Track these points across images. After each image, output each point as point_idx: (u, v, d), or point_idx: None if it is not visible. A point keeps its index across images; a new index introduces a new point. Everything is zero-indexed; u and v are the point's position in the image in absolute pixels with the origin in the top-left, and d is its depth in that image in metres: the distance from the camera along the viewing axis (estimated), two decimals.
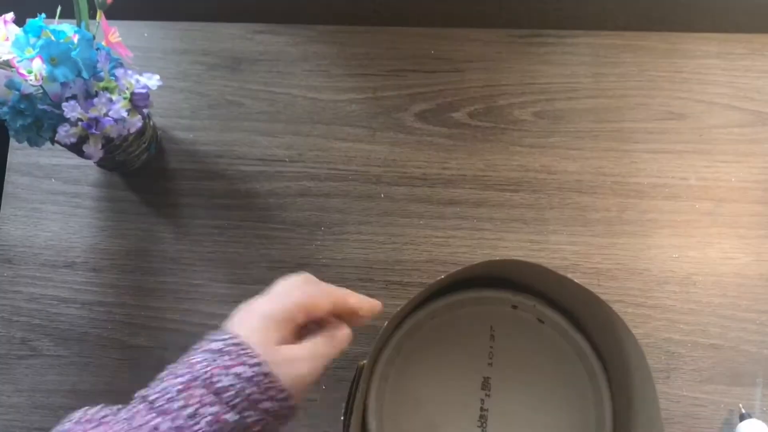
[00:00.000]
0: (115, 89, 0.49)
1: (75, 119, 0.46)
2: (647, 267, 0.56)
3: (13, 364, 0.56)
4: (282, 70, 0.62)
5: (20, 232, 0.59)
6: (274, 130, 0.61)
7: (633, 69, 0.61)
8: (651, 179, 0.58)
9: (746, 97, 0.59)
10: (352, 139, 0.60)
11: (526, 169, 0.59)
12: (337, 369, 0.54)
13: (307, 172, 0.60)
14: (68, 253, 0.59)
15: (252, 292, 0.57)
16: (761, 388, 0.53)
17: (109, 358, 0.56)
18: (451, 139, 0.60)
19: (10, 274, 0.59)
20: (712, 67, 0.60)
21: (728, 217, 0.57)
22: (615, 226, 0.57)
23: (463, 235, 0.57)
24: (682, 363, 0.54)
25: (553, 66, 0.61)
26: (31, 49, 0.46)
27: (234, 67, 0.62)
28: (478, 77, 0.61)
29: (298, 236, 0.58)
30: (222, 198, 0.59)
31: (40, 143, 0.49)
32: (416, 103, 0.61)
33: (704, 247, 0.56)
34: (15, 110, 0.46)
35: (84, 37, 0.47)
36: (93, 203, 0.60)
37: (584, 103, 0.60)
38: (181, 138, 0.61)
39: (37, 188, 0.60)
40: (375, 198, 0.59)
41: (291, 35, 0.63)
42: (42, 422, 0.55)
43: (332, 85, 0.62)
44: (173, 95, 0.62)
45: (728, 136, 0.58)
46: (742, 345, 0.54)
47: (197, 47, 0.63)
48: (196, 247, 0.58)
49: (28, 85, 0.46)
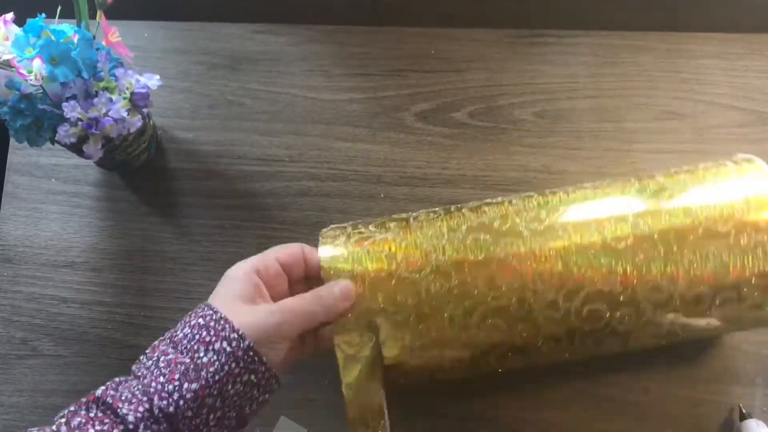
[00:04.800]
0: (115, 89, 0.49)
1: (75, 119, 0.46)
2: None
3: (13, 364, 0.56)
4: (282, 70, 0.62)
5: (20, 231, 0.59)
6: (274, 130, 0.61)
7: (633, 69, 0.61)
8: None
9: (746, 97, 0.59)
10: (352, 139, 0.60)
11: (526, 169, 0.59)
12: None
13: (307, 172, 0.60)
14: (68, 252, 0.59)
15: None
16: (761, 388, 0.53)
17: (109, 358, 0.56)
18: (451, 139, 0.60)
19: (10, 273, 0.59)
20: (712, 67, 0.60)
21: None
22: None
23: None
24: (682, 363, 0.53)
25: (553, 66, 0.61)
26: (31, 49, 0.46)
27: (234, 67, 0.62)
28: (478, 77, 0.61)
29: (298, 236, 0.58)
30: (222, 198, 0.59)
31: (40, 143, 0.49)
32: (416, 103, 0.61)
33: None
34: (15, 110, 0.47)
35: (84, 37, 0.47)
36: (93, 203, 0.60)
37: (584, 103, 0.60)
38: (181, 138, 0.61)
39: (37, 188, 0.60)
40: (375, 198, 0.59)
41: (291, 35, 0.63)
42: (42, 422, 0.55)
43: (332, 85, 0.62)
44: (173, 95, 0.62)
45: (728, 136, 0.58)
46: (742, 345, 0.54)
47: (197, 47, 0.63)
48: (196, 247, 0.58)
49: (28, 85, 0.46)
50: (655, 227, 0.41)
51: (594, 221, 0.42)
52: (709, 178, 0.43)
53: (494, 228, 0.42)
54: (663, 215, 0.41)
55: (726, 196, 0.42)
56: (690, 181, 0.43)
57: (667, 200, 0.42)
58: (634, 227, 0.41)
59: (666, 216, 0.41)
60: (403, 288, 0.41)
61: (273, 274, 0.43)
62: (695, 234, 0.40)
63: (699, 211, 0.41)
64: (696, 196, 0.42)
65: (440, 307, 0.40)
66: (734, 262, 0.40)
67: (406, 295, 0.41)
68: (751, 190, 0.42)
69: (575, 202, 0.43)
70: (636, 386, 0.53)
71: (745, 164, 0.44)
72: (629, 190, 0.44)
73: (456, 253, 0.41)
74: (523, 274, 0.40)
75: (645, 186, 0.44)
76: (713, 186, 0.43)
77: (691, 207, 0.41)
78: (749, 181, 0.42)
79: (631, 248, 0.40)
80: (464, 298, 0.40)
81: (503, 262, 0.41)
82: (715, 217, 0.41)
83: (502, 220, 0.42)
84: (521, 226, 0.42)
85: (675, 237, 0.40)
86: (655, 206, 0.42)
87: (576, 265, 0.40)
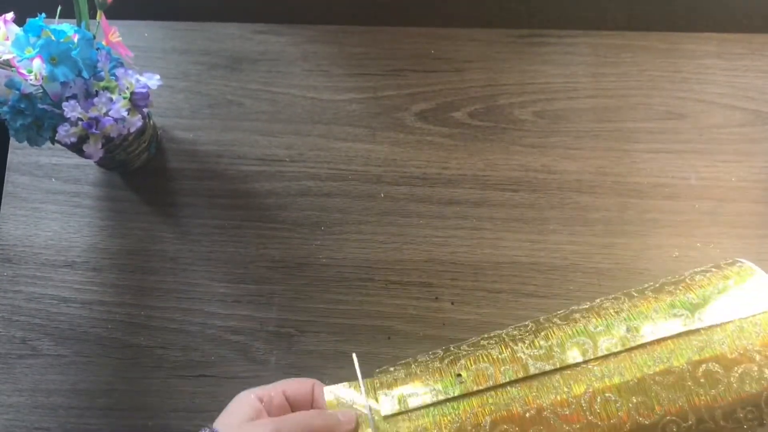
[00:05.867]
0: (116, 89, 0.49)
1: (75, 119, 0.46)
2: (647, 267, 0.56)
3: (13, 364, 0.56)
4: (282, 70, 0.63)
5: (20, 231, 0.60)
6: (274, 130, 0.61)
7: (633, 69, 0.61)
8: (651, 179, 0.58)
9: (746, 97, 0.59)
10: (352, 139, 0.60)
11: (526, 169, 0.59)
12: (336, 369, 0.54)
13: (307, 172, 0.60)
14: (68, 252, 0.59)
15: (252, 292, 0.57)
16: None
17: (109, 357, 0.56)
18: (451, 139, 0.60)
19: (10, 273, 0.59)
20: (712, 67, 0.60)
21: (728, 217, 0.57)
22: (615, 226, 0.57)
23: (463, 235, 0.57)
24: None
25: (553, 66, 0.61)
26: (31, 49, 0.46)
27: (234, 67, 0.62)
28: (478, 77, 0.61)
29: (298, 236, 0.58)
30: (222, 198, 0.60)
31: (40, 143, 0.49)
32: (416, 103, 0.61)
33: (704, 247, 0.56)
34: (15, 110, 0.46)
35: (84, 36, 0.47)
36: (93, 203, 0.60)
37: (584, 103, 0.60)
38: (181, 138, 0.61)
39: (37, 188, 0.61)
40: (375, 198, 0.59)
41: (291, 35, 0.63)
42: (42, 422, 0.55)
43: (332, 84, 0.62)
44: (173, 95, 0.62)
45: (728, 135, 0.59)
46: None
47: (197, 47, 0.63)
48: (195, 246, 0.58)
49: (28, 84, 0.46)
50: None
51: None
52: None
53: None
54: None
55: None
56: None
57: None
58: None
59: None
60: None
61: (276, 404, 0.42)
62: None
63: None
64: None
65: None
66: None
67: None
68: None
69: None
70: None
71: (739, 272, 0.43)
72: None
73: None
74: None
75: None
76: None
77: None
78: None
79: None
80: None
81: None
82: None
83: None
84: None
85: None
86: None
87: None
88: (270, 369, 0.55)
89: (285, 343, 0.56)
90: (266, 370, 0.55)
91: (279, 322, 0.56)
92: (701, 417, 0.39)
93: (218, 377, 0.55)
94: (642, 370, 0.40)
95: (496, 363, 0.42)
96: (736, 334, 0.40)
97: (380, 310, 0.56)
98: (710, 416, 0.39)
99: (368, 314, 0.56)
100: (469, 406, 0.41)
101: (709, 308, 0.41)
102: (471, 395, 0.41)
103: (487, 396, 0.41)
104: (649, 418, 0.39)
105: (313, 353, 0.55)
